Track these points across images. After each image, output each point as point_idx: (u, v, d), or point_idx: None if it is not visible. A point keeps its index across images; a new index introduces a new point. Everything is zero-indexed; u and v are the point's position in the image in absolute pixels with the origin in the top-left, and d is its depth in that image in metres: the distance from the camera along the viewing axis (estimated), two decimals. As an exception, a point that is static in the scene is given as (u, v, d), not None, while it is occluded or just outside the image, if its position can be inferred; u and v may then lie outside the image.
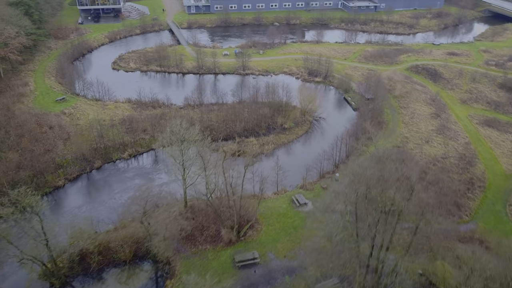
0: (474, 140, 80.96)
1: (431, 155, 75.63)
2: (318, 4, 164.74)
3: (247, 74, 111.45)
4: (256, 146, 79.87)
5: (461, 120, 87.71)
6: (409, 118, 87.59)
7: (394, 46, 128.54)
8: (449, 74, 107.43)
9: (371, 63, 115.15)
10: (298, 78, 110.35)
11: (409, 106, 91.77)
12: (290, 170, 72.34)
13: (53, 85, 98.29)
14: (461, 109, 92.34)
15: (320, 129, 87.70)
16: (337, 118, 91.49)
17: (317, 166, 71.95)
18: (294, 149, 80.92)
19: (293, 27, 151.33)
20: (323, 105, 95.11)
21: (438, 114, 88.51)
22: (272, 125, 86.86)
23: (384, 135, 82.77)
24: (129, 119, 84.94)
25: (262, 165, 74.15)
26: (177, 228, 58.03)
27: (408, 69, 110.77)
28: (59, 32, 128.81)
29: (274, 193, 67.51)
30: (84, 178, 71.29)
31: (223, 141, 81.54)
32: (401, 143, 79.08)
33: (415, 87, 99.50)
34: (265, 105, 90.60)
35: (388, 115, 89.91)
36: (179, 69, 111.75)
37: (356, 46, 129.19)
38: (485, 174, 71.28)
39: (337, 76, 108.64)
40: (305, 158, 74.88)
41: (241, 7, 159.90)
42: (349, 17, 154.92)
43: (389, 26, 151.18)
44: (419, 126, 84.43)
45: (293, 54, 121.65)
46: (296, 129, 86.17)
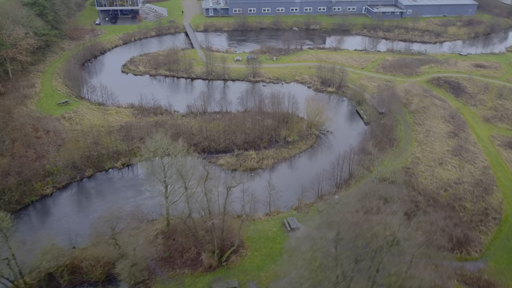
0: (494, 164, 73.74)
1: (443, 179, 69.17)
2: (340, 9, 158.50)
3: (257, 81, 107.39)
4: (254, 161, 75.72)
5: (481, 141, 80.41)
6: (424, 136, 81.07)
7: (417, 56, 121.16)
8: (473, 88, 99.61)
9: (389, 74, 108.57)
10: (310, 87, 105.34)
11: (425, 123, 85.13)
12: (287, 189, 67.93)
13: (59, 87, 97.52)
14: (483, 128, 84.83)
15: (326, 144, 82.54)
16: (346, 132, 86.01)
17: (316, 186, 67.00)
18: (295, 165, 76.21)
19: (313, 33, 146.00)
20: (333, 117, 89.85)
21: (456, 133, 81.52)
22: (275, 138, 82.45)
23: (394, 154, 76.79)
24: (128, 126, 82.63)
25: (258, 182, 70.04)
26: (156, 248, 55.03)
27: (428, 81, 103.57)
28: (75, 32, 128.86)
29: (265, 214, 63.18)
30: (73, 187, 69.27)
31: (221, 154, 78.05)
32: (411, 164, 72.94)
33: (434, 101, 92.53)
34: (270, 116, 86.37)
35: (401, 132, 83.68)
36: (188, 74, 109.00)
37: (375, 55, 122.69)
38: (503, 205, 64.31)
39: (351, 86, 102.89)
40: (304, 176, 70.13)
41: (260, 11, 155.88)
42: (372, 23, 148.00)
43: (414, 34, 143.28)
44: (434, 146, 77.86)
45: (307, 61, 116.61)
46: (300, 143, 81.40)
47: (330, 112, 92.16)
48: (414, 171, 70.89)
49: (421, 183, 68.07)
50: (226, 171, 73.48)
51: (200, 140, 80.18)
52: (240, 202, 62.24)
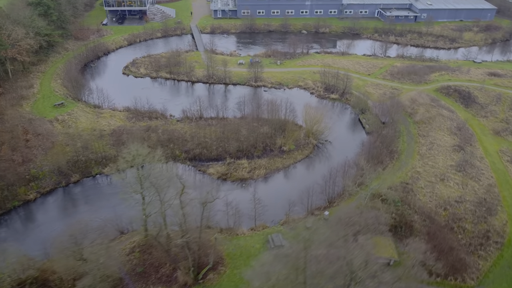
0: (501, 182, 68.98)
1: (444, 196, 64.91)
2: (352, 12, 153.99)
3: (259, 86, 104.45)
4: (246, 170, 72.84)
5: (489, 156, 75.58)
6: (427, 149, 76.69)
7: (428, 62, 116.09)
8: (484, 98, 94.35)
9: (396, 81, 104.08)
10: (313, 93, 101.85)
11: (430, 135, 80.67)
12: (276, 202, 64.88)
13: (57, 88, 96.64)
14: (492, 142, 79.85)
15: (323, 154, 79.02)
16: (345, 142, 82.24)
17: (307, 199, 63.63)
18: (288, 176, 72.99)
19: (322, 36, 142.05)
20: (333, 126, 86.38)
21: (462, 146, 76.85)
22: (270, 146, 79.35)
23: (393, 167, 72.79)
24: (120, 130, 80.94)
25: (247, 193, 67.05)
26: (131, 262, 52.84)
27: (437, 90, 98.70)
28: (80, 33, 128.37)
29: (250, 229, 60.22)
30: (58, 192, 67.74)
31: (213, 162, 75.46)
32: (411, 179, 68.83)
33: (441, 112, 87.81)
34: (267, 123, 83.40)
35: (403, 143, 79.49)
36: (188, 77, 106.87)
37: (384, 60, 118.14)
38: (506, 227, 59.77)
39: (356, 93, 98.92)
40: (296, 189, 66.86)
41: (269, 13, 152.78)
42: (384, 27, 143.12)
43: (427, 39, 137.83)
44: (436, 160, 73.45)
45: (313, 66, 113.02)
46: (295, 153, 78.11)
47: (331, 120, 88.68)
48: (413, 187, 66.79)
49: (419, 200, 64.02)
50: (215, 181, 70.84)
51: (192, 147, 77.78)
52: (225, 215, 59.72)
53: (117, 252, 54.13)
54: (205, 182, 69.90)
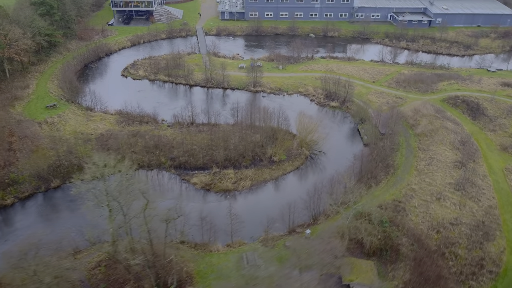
0: (503, 204, 63.84)
1: (438, 218, 60.32)
2: (364, 16, 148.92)
3: (258, 91, 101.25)
4: (231, 181, 69.77)
5: (493, 174, 70.34)
6: (426, 164, 71.97)
7: (437, 70, 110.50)
8: (494, 110, 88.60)
9: (401, 89, 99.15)
10: (313, 100, 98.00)
11: (430, 149, 75.83)
12: (257, 216, 61.53)
13: (52, 89, 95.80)
14: (498, 159, 74.45)
15: (315, 166, 75.20)
16: (340, 154, 78.04)
17: (290, 216, 60.05)
18: (274, 189, 69.52)
19: (330, 40, 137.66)
20: (329, 136, 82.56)
21: (463, 162, 71.78)
22: (260, 156, 76.06)
23: (387, 183, 68.48)
24: (108, 135, 79.21)
25: (227, 206, 63.90)
26: (96, 277, 50.54)
27: (444, 100, 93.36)
28: (84, 33, 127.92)
29: (227, 245, 57.08)
30: (37, 197, 66.20)
31: (198, 170, 72.68)
32: (404, 197, 64.42)
33: (445, 124, 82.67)
34: (261, 131, 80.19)
35: (401, 157, 74.97)
36: (186, 80, 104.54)
37: (392, 67, 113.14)
38: (504, 255, 54.88)
39: (357, 102, 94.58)
40: (280, 203, 63.20)
41: (278, 15, 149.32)
42: (396, 32, 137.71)
43: (440, 45, 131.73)
44: (434, 177, 68.70)
45: (316, 71, 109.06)
46: (285, 164, 74.59)
47: (328, 129, 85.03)
48: (406, 206, 62.40)
49: (410, 221, 59.67)
50: (198, 191, 68.07)
51: (179, 154, 75.21)
52: (201, 229, 56.86)
53: (83, 265, 52.16)
54: (185, 193, 67.24)
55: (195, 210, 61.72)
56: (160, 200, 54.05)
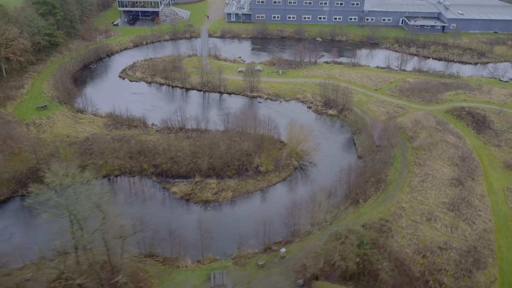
0: (500, 228, 59.01)
1: (426, 240, 56.07)
2: (374, 19, 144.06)
3: (254, 96, 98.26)
4: (212, 191, 67.02)
5: (492, 194, 65.39)
6: (420, 180, 67.54)
7: (446, 79, 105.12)
8: (501, 124, 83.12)
9: (404, 99, 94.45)
10: (310, 107, 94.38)
11: (427, 164, 71.29)
12: (234, 231, 58.59)
13: (47, 90, 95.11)
14: (500, 177, 69.34)
15: (303, 179, 71.70)
16: (331, 166, 74.08)
17: (266, 232, 56.80)
18: (255, 202, 66.32)
19: (337, 45, 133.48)
20: (323, 146, 79.10)
21: (461, 180, 67.01)
22: (246, 166, 73.05)
23: (377, 200, 64.47)
24: (93, 139, 77.59)
25: (204, 218, 61.13)
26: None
27: (448, 111, 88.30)
28: (88, 33, 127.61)
29: (197, 261, 54.30)
30: (14, 202, 64.95)
31: (180, 179, 70.19)
32: (392, 216, 60.31)
33: (446, 137, 77.83)
34: (250, 139, 77.21)
35: (394, 172, 70.75)
36: (183, 83, 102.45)
37: (397, 74, 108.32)
38: (494, 286, 50.24)
39: (356, 110, 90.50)
40: (258, 217, 59.85)
41: (285, 18, 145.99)
42: (406, 37, 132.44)
43: (452, 52, 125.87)
44: (428, 195, 64.26)
45: (317, 77, 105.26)
46: (272, 174, 71.37)
47: (322, 139, 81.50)
48: (392, 226, 58.34)
49: (395, 243, 55.62)
50: (177, 201, 65.59)
51: (163, 161, 72.89)
52: (171, 243, 54.25)
53: (44, 277, 50.32)
54: (163, 202, 64.85)
55: (169, 221, 59.35)
56: (123, 212, 51.82)
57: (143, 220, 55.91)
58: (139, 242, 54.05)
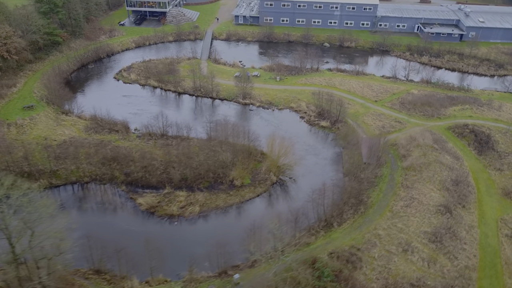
0: (485, 266, 52.82)
1: (397, 275, 50.71)
2: (388, 25, 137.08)
3: (247, 103, 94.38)
4: (179, 205, 63.70)
5: (483, 225, 59.01)
6: (404, 205, 61.87)
7: (455, 92, 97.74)
8: (507, 145, 75.85)
9: (404, 112, 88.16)
10: (303, 117, 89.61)
11: (415, 186, 65.40)
12: (192, 250, 55.05)
13: (38, 89, 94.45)
14: (495, 206, 62.66)
15: (279, 196, 67.32)
16: (313, 183, 68.64)
17: (223, 254, 52.87)
18: (222, 219, 62.36)
19: (346, 51, 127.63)
20: (308, 160, 74.61)
21: (450, 207, 60.84)
22: (221, 178, 69.34)
23: (353, 224, 59.41)
24: (70, 142, 75.93)
25: (162, 233, 57.92)
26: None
27: (450, 128, 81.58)
28: (92, 32, 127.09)
29: (145, 282, 51.07)
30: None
31: (150, 189, 67.23)
32: (365, 244, 55.14)
33: (441, 158, 71.46)
34: (231, 149, 73.54)
35: (378, 194, 65.30)
36: (175, 87, 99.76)
37: (402, 85, 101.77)
38: (466, 335, 44.52)
39: (350, 123, 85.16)
40: (221, 236, 56.04)
41: (294, 22, 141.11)
42: (419, 45, 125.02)
43: (468, 63, 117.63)
44: (409, 222, 58.59)
45: (316, 85, 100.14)
46: (246, 190, 67.37)
47: (308, 153, 76.94)
48: (363, 256, 53.22)
49: (362, 275, 50.59)
50: (142, 213, 62.62)
51: (136, 170, 70.15)
52: (119, 261, 51.20)
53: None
54: (125, 214, 62.03)
55: (125, 235, 56.50)
56: (74, 223, 49.29)
57: (99, 233, 53.47)
58: (88, 257, 51.47)
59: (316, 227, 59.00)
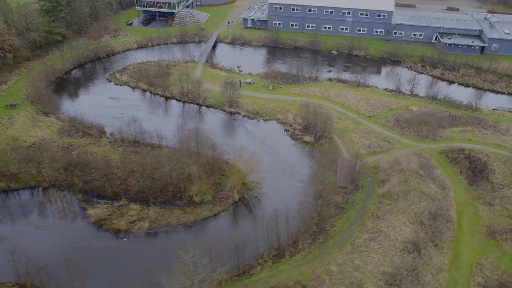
0: (445, 318, 46.01)
1: (339, 322, 44.98)
2: (403, 34, 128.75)
3: (232, 112, 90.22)
4: (130, 219, 60.49)
5: (455, 269, 51.85)
6: (367, 238, 55.66)
7: (460, 110, 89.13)
8: (504, 175, 67.37)
9: (396, 131, 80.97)
10: (288, 130, 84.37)
11: (386, 218, 58.89)
12: (119, 274, 51.51)
13: (26, 88, 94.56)
14: (475, 247, 55.12)
15: (237, 217, 62.65)
16: (280, 204, 63.66)
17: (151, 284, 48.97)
18: (167, 239, 58.33)
19: (354, 59, 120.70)
20: (280, 178, 69.62)
21: (419, 245, 54.02)
22: (180, 193, 65.63)
23: (307, 256, 54.01)
24: (40, 144, 74.73)
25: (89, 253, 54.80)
26: None
27: (443, 152, 73.77)
28: (96, 32, 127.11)
29: (67, 304, 48.16)
30: None
31: (105, 200, 64.38)
32: (312, 281, 49.74)
33: (424, 186, 64.24)
34: (200, 161, 69.79)
35: (344, 223, 59.34)
36: (163, 91, 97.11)
37: (404, 100, 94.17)
38: None
39: (336, 139, 79.17)
40: (161, 260, 52.36)
41: (304, 27, 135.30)
42: (434, 56, 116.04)
43: (485, 78, 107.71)
44: (369, 259, 52.41)
45: (308, 96, 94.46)
46: (203, 207, 63.22)
47: (282, 170, 71.76)
48: (303, 296, 47.81)
49: (298, 319, 45.24)
50: (89, 226, 59.90)
51: (97, 178, 67.74)
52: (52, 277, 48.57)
53: None
54: (71, 225, 59.51)
55: (59, 249, 53.96)
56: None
57: (34, 245, 51.25)
58: (14, 270, 49.24)
59: (265, 256, 54.03)
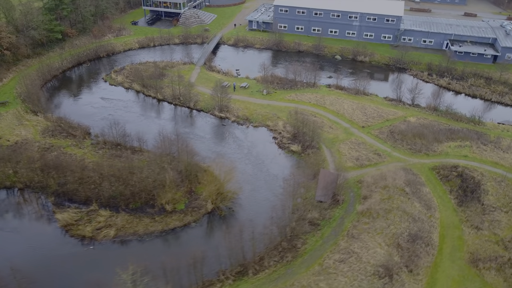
0: None
1: None
2: (412, 40, 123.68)
3: (222, 117, 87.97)
4: (96, 226, 58.99)
5: (429, 298, 47.98)
6: (338, 259, 52.32)
7: (461, 124, 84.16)
8: (497, 197, 62.59)
9: (389, 143, 76.90)
10: (276, 138, 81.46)
11: (361, 237, 55.35)
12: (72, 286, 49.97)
13: (20, 86, 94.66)
14: (454, 275, 50.96)
15: (207, 228, 60.29)
16: (254, 217, 61.25)
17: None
18: (130, 250, 56.36)
19: (357, 65, 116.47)
20: (259, 190, 66.96)
21: (391, 270, 50.29)
22: (153, 200, 63.76)
23: (270, 276, 51.31)
24: (21, 144, 74.41)
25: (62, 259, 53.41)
26: None
27: (435, 168, 69.40)
28: (101, 31, 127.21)
29: (16, 312, 46.84)
30: None
31: (77, 204, 63.22)
32: (270, 303, 46.81)
33: (407, 205, 60.23)
34: (178, 167, 67.93)
35: (317, 241, 56.20)
36: (155, 93, 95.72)
37: (403, 110, 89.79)
38: None
39: (324, 149, 75.85)
40: (110, 275, 50.55)
41: (309, 30, 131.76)
42: (441, 64, 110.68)
43: (494, 89, 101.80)
44: (335, 283, 49.09)
45: (302, 103, 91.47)
46: (174, 216, 61.15)
47: (263, 181, 69.09)
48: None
49: None
50: (56, 230, 58.69)
51: (72, 180, 66.62)
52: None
53: None
54: (37, 229, 58.42)
55: (19, 255, 52.82)
56: None
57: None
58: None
59: (227, 273, 51.47)
